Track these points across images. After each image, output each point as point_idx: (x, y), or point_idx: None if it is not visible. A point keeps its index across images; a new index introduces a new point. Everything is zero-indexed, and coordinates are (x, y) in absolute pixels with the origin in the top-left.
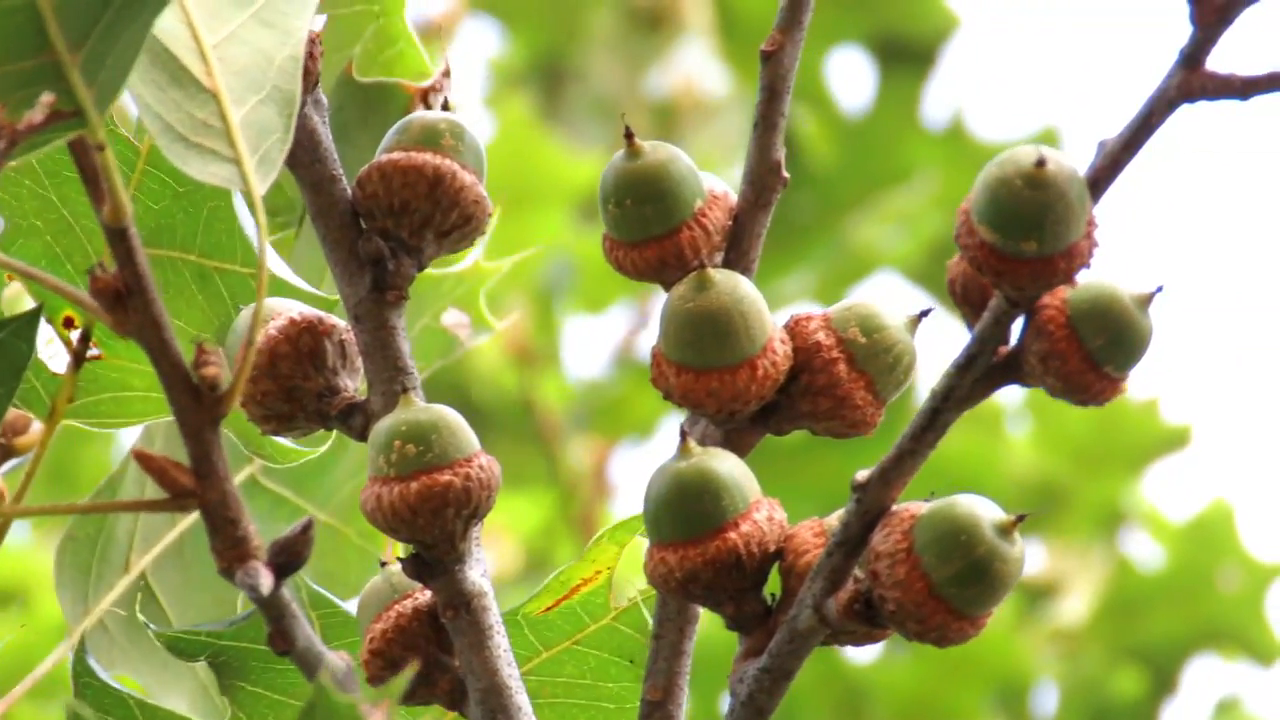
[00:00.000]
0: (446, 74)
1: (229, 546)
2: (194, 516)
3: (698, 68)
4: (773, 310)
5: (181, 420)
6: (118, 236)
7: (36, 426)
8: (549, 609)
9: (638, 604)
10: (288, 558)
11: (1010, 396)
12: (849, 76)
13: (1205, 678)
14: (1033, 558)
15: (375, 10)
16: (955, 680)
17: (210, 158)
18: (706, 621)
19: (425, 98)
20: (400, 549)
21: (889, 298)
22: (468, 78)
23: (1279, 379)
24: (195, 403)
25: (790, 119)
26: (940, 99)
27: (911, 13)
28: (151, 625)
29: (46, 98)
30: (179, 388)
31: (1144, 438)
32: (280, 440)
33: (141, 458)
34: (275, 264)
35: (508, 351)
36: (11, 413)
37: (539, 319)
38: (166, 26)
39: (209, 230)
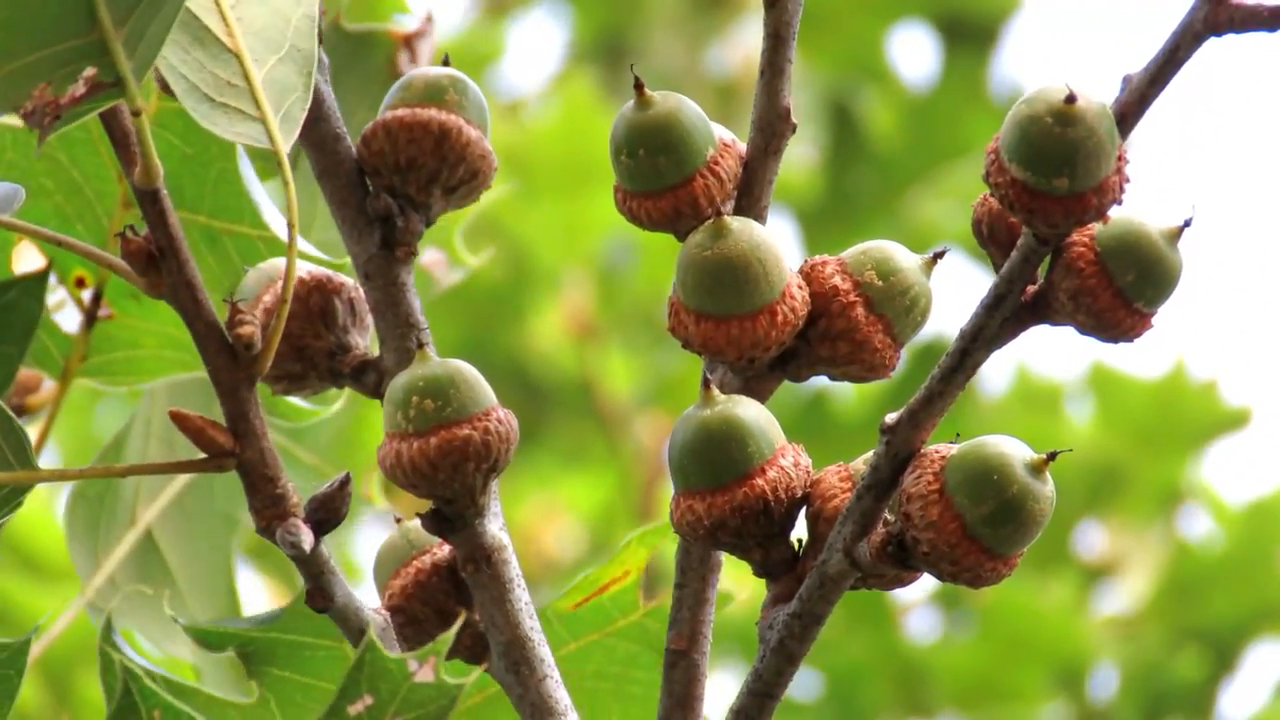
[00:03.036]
0: (429, 20)
1: (268, 505)
2: None
3: (759, 45)
4: None
5: (217, 379)
6: (150, 198)
7: (48, 385)
8: (578, 605)
9: (666, 601)
10: (326, 514)
11: (1069, 375)
12: (912, 53)
13: (1266, 659)
14: (1093, 539)
15: None
16: (1014, 661)
17: (236, 116)
18: None
19: (409, 44)
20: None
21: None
22: (537, 59)
23: None
24: (231, 362)
25: (852, 96)
26: (1003, 75)
27: None
28: (180, 619)
29: (89, 72)
30: (215, 348)
31: (1204, 418)
32: (294, 400)
33: (178, 418)
34: (279, 226)
35: (568, 330)
36: (24, 372)
37: (600, 297)
38: None
39: (217, 192)
